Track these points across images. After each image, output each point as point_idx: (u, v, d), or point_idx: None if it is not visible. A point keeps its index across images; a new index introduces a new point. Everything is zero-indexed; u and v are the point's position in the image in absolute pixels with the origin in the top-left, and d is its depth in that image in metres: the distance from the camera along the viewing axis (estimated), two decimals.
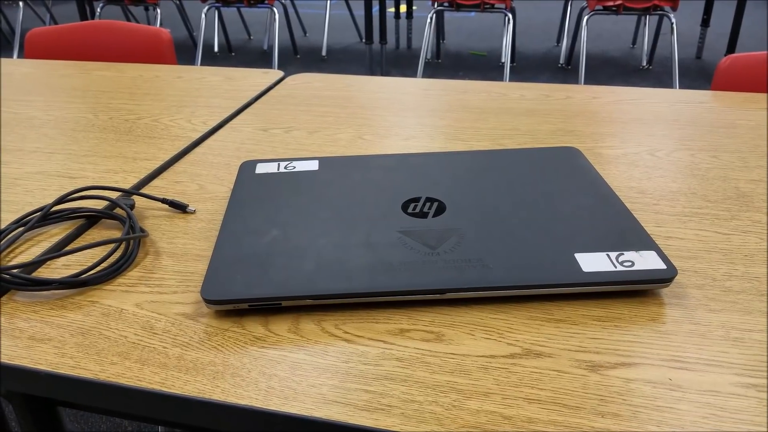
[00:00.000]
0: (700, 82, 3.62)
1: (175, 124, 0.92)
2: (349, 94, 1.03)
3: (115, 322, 0.50)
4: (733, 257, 0.56)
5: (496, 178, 0.65)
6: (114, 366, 0.45)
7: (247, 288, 0.50)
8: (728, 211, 0.64)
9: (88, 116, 0.95)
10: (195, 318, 0.50)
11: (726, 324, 0.48)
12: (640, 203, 0.66)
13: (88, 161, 0.79)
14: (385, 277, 0.51)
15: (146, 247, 0.60)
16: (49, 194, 0.71)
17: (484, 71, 3.95)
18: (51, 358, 0.46)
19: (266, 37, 4.66)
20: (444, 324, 0.49)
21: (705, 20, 3.87)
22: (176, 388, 0.43)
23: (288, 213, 0.60)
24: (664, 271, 0.50)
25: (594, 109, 0.94)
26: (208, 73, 1.16)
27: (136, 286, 0.54)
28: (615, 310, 0.50)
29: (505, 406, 0.41)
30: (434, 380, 0.43)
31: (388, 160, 0.70)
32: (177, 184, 0.73)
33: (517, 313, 0.50)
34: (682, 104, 0.96)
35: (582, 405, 0.41)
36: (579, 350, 0.46)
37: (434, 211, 0.59)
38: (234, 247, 0.55)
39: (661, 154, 0.78)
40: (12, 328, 0.49)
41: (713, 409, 0.41)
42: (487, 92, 1.03)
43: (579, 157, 0.69)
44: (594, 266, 0.51)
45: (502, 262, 0.52)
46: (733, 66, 1.11)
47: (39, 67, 1.23)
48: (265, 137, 0.86)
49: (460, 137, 0.85)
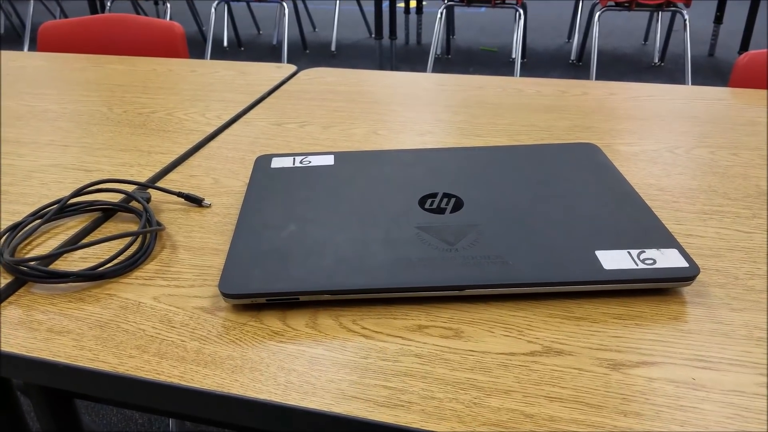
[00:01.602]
0: (713, 80, 3.59)
1: (190, 118, 0.91)
2: (363, 89, 1.03)
3: (133, 315, 0.50)
4: (756, 256, 0.56)
5: (514, 174, 0.65)
6: (132, 359, 0.45)
7: (265, 282, 0.50)
8: (749, 209, 0.63)
9: (102, 109, 0.95)
10: (213, 312, 0.50)
11: (749, 323, 0.48)
12: (659, 200, 0.65)
13: (102, 154, 0.79)
14: (404, 272, 0.50)
15: (162, 241, 0.60)
16: (65, 187, 0.71)
17: (494, 67, 3.93)
18: (70, 351, 0.46)
19: (275, 32, 4.66)
20: (463, 321, 0.48)
21: (718, 17, 3.84)
22: (195, 381, 0.43)
23: (304, 208, 0.60)
24: (687, 270, 0.49)
25: (611, 105, 0.93)
26: (221, 68, 1.16)
27: (154, 279, 0.54)
28: (636, 308, 0.49)
29: (526, 404, 0.41)
30: (454, 377, 0.43)
31: (404, 156, 0.69)
32: (192, 177, 0.73)
33: (537, 310, 0.49)
34: (700, 101, 0.95)
35: (604, 404, 0.41)
36: (600, 348, 0.45)
37: (452, 206, 0.59)
38: (251, 241, 0.55)
39: (680, 151, 0.77)
40: (30, 320, 0.49)
41: (738, 410, 0.40)
42: (502, 87, 1.02)
43: (598, 153, 0.69)
44: (615, 264, 0.50)
45: (522, 258, 0.51)
46: (752, 63, 1.10)
47: (52, 60, 1.23)
48: (280, 132, 0.86)
49: (476, 133, 0.84)
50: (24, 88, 1.06)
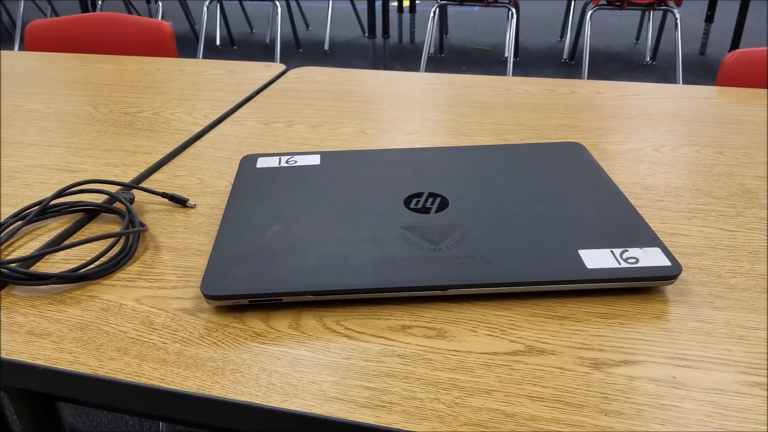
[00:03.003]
0: (704, 78, 3.61)
1: (176, 117, 0.91)
2: (352, 88, 1.03)
3: (114, 317, 0.50)
4: (738, 254, 0.56)
5: (499, 174, 0.65)
6: (113, 361, 0.45)
7: (248, 283, 0.49)
8: (733, 207, 0.64)
9: (88, 109, 0.95)
10: (195, 313, 0.50)
11: (731, 322, 0.48)
12: (644, 199, 0.65)
13: (87, 154, 0.79)
14: (387, 272, 0.50)
15: (146, 242, 0.60)
16: (48, 188, 0.70)
17: (487, 66, 3.93)
18: (49, 353, 0.46)
19: (269, 31, 4.65)
20: (446, 320, 0.48)
21: (709, 16, 3.85)
22: (176, 384, 0.43)
23: (289, 208, 0.60)
24: (669, 268, 0.50)
25: (598, 104, 0.93)
26: (210, 67, 1.16)
27: (136, 281, 0.54)
28: (619, 307, 0.49)
29: (507, 403, 0.41)
30: (436, 377, 0.43)
31: (390, 155, 0.69)
32: (177, 178, 0.73)
33: (520, 309, 0.49)
34: (686, 100, 0.95)
35: (585, 403, 0.41)
36: (582, 347, 0.45)
37: (437, 206, 0.59)
38: (234, 242, 0.55)
39: (665, 150, 0.77)
40: (10, 323, 0.49)
41: (718, 408, 0.40)
42: (491, 87, 1.02)
43: (583, 152, 0.69)
44: (598, 263, 0.50)
45: (506, 258, 0.51)
46: (739, 62, 1.10)
47: (39, 60, 1.22)
48: (267, 131, 0.86)
49: (463, 132, 0.84)
50: (10, 88, 1.05)
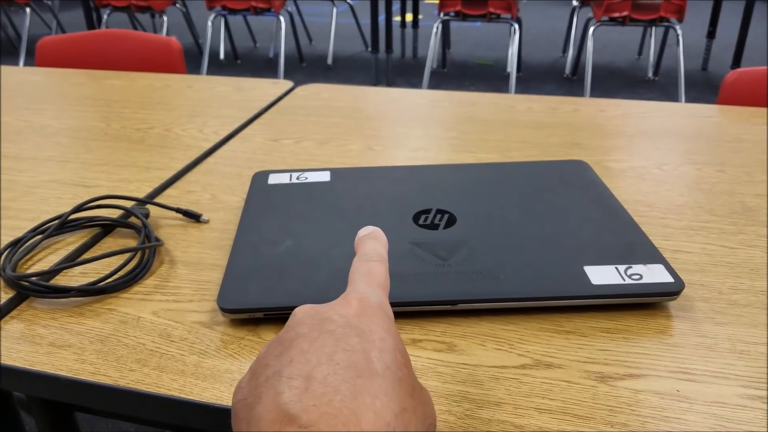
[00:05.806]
0: (706, 94, 3.63)
1: (187, 133, 0.93)
2: (359, 105, 1.05)
3: (133, 329, 0.51)
4: (739, 271, 0.57)
5: (505, 191, 0.66)
6: (133, 372, 0.46)
7: (263, 297, 0.51)
8: (734, 225, 0.65)
9: (100, 125, 0.97)
10: (211, 326, 0.51)
11: (732, 337, 0.49)
12: (647, 217, 0.67)
13: (101, 170, 0.80)
14: (397, 287, 0.51)
15: (161, 256, 0.61)
16: (64, 203, 0.72)
17: (490, 80, 3.96)
18: (71, 364, 0.47)
19: (272, 45, 4.69)
20: (456, 335, 0.50)
21: (711, 32, 3.89)
22: (195, 394, 0.44)
23: (301, 223, 0.61)
24: (672, 285, 0.51)
25: (601, 122, 0.95)
26: (218, 83, 1.18)
27: (153, 294, 0.55)
28: (623, 322, 0.51)
29: (516, 415, 0.42)
30: (447, 389, 0.44)
31: (399, 172, 0.71)
32: (190, 193, 0.74)
33: (528, 324, 0.51)
34: (688, 118, 0.97)
35: (592, 415, 0.42)
36: (588, 361, 0.47)
37: (445, 222, 0.60)
38: (249, 256, 0.56)
39: (668, 167, 0.79)
40: (33, 335, 0.50)
41: (720, 420, 0.41)
42: (494, 104, 1.04)
43: (587, 170, 0.70)
44: (603, 279, 0.52)
45: (513, 274, 0.53)
46: (740, 80, 1.12)
47: (51, 76, 1.25)
48: (276, 147, 0.88)
49: (468, 149, 0.86)
50: (23, 103, 1.07)
